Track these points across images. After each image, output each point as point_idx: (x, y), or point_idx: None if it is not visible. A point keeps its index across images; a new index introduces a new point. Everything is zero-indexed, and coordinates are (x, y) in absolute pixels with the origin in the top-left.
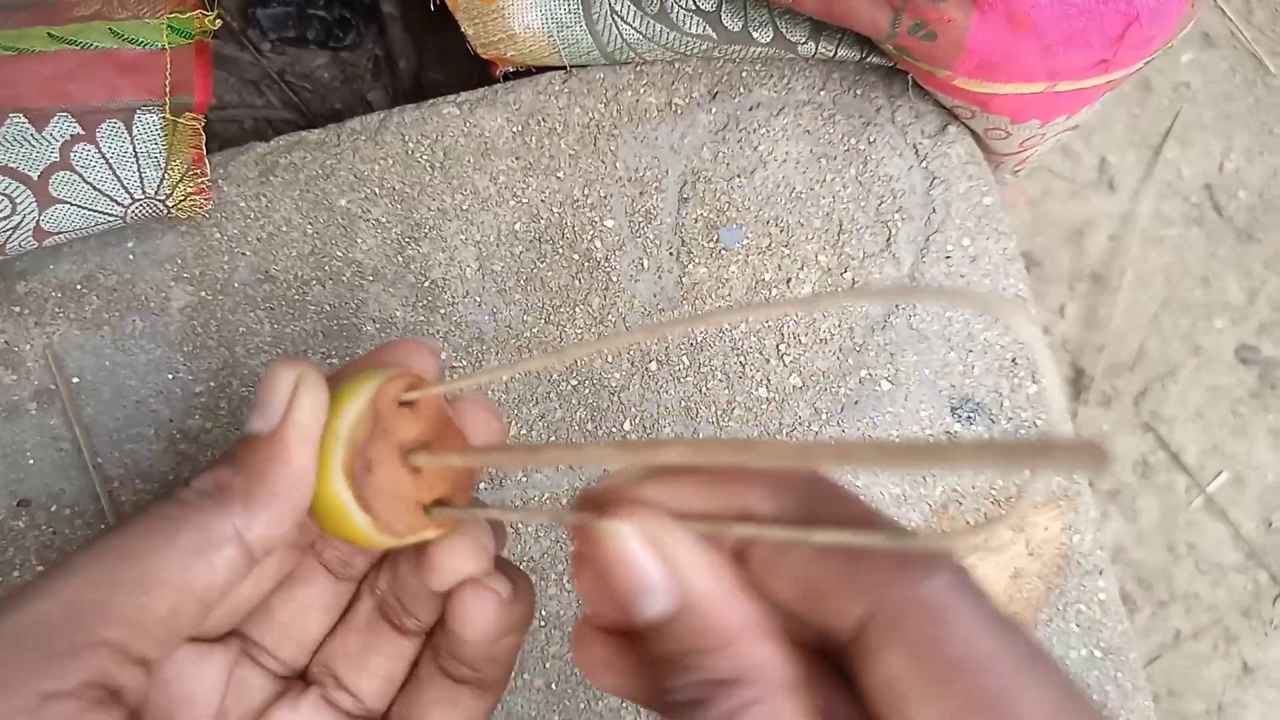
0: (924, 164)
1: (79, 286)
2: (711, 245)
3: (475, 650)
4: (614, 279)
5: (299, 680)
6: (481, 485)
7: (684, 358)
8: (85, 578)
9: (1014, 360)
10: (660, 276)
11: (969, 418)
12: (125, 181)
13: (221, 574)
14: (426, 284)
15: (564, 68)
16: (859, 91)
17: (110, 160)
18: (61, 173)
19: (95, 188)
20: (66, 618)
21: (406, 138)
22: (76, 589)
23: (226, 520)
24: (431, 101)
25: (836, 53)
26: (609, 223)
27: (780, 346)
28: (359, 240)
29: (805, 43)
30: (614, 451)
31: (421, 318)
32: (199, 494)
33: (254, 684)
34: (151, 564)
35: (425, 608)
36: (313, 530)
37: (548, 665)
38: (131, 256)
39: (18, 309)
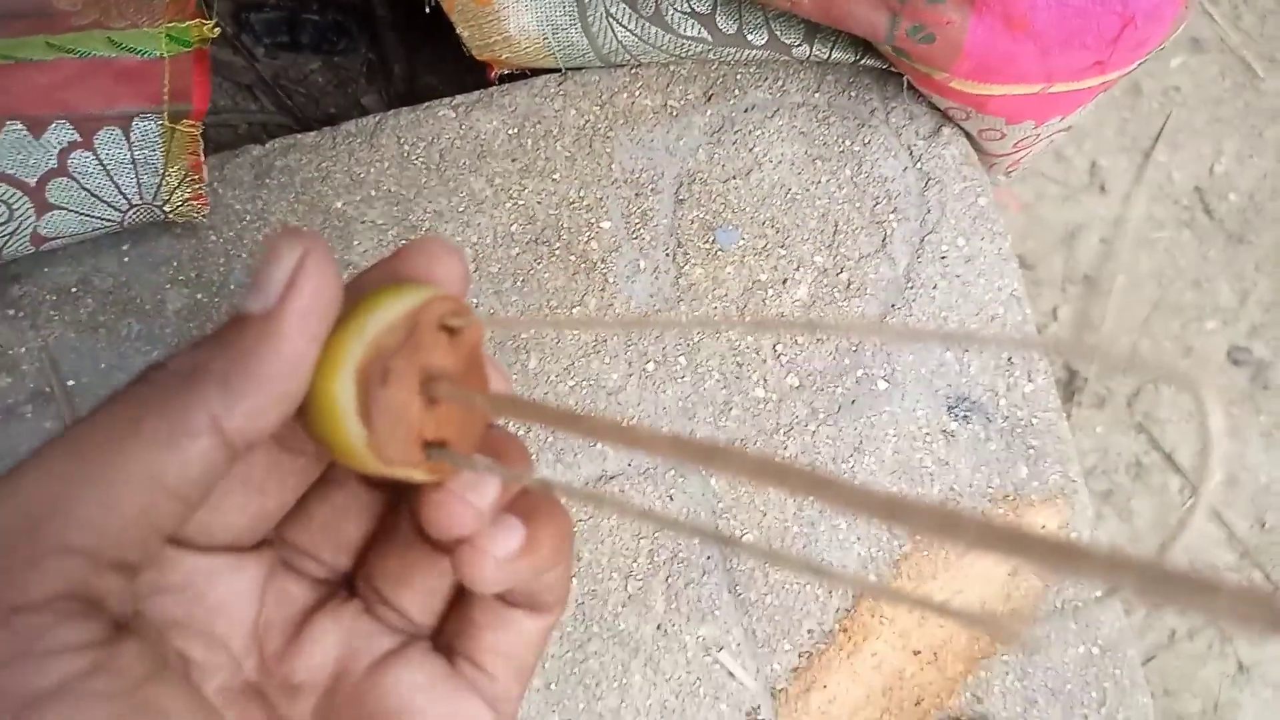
0: (919, 165)
1: (74, 289)
2: (707, 246)
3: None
4: (610, 280)
5: (342, 588)
6: None
7: (681, 358)
8: (41, 478)
9: (1009, 359)
10: (656, 277)
11: (965, 416)
12: (123, 188)
13: (196, 468)
14: None
15: (559, 70)
16: (854, 93)
17: (108, 167)
18: (59, 179)
19: (93, 194)
20: (22, 524)
21: (402, 140)
22: (31, 492)
23: (201, 406)
24: (427, 104)
25: (831, 55)
26: (605, 224)
27: (777, 346)
28: (355, 243)
29: (800, 45)
30: (667, 445)
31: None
32: (172, 375)
33: (294, 592)
34: (114, 457)
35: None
36: None
37: (546, 665)
38: (127, 259)
39: (13, 312)
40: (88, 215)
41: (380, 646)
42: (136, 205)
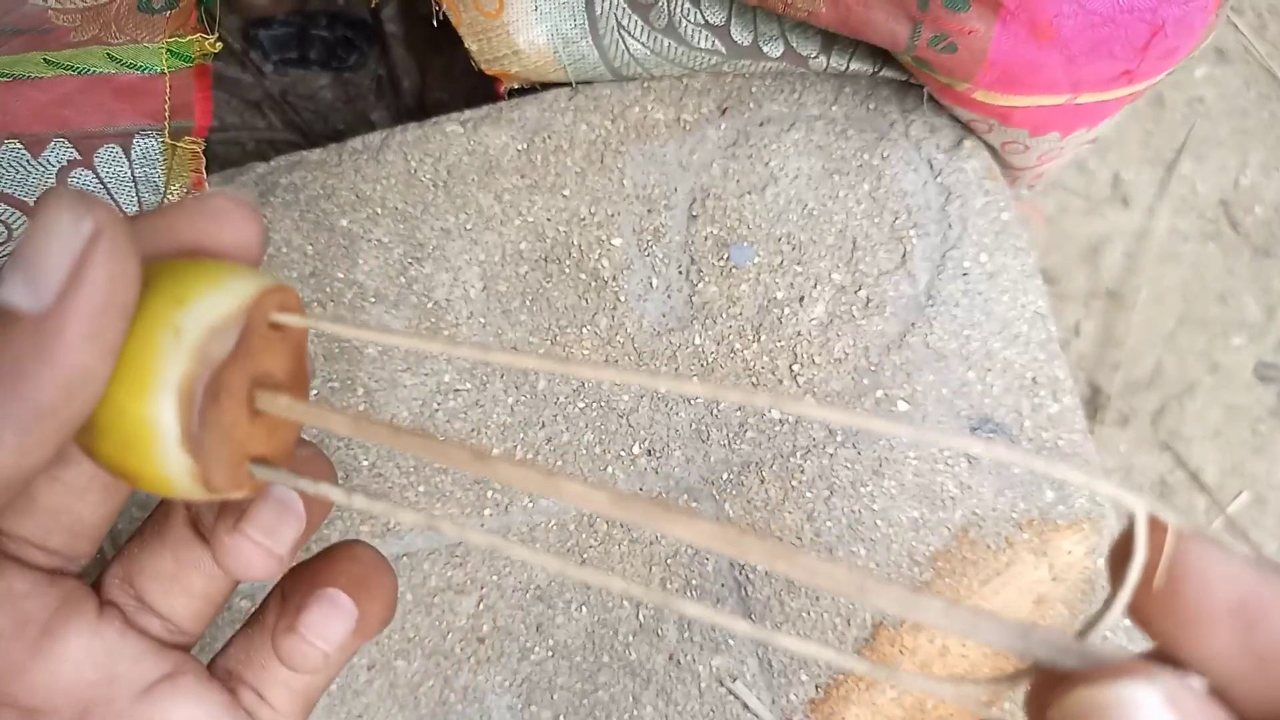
0: (939, 179)
1: None
2: (722, 263)
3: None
4: (622, 299)
5: (87, 588)
6: (487, 511)
7: (694, 378)
8: None
9: (1034, 379)
10: (669, 295)
11: (989, 439)
12: (123, 206)
13: None
14: (430, 305)
15: (570, 84)
16: (872, 106)
17: (108, 185)
18: None
19: None
20: None
21: (409, 156)
22: None
23: None
24: (434, 119)
25: (849, 67)
26: (616, 241)
27: (794, 367)
28: (360, 261)
29: (816, 57)
30: (533, 478)
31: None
32: None
33: (22, 589)
34: None
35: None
36: None
37: (555, 696)
38: None
39: None
40: None
41: (148, 673)
42: None
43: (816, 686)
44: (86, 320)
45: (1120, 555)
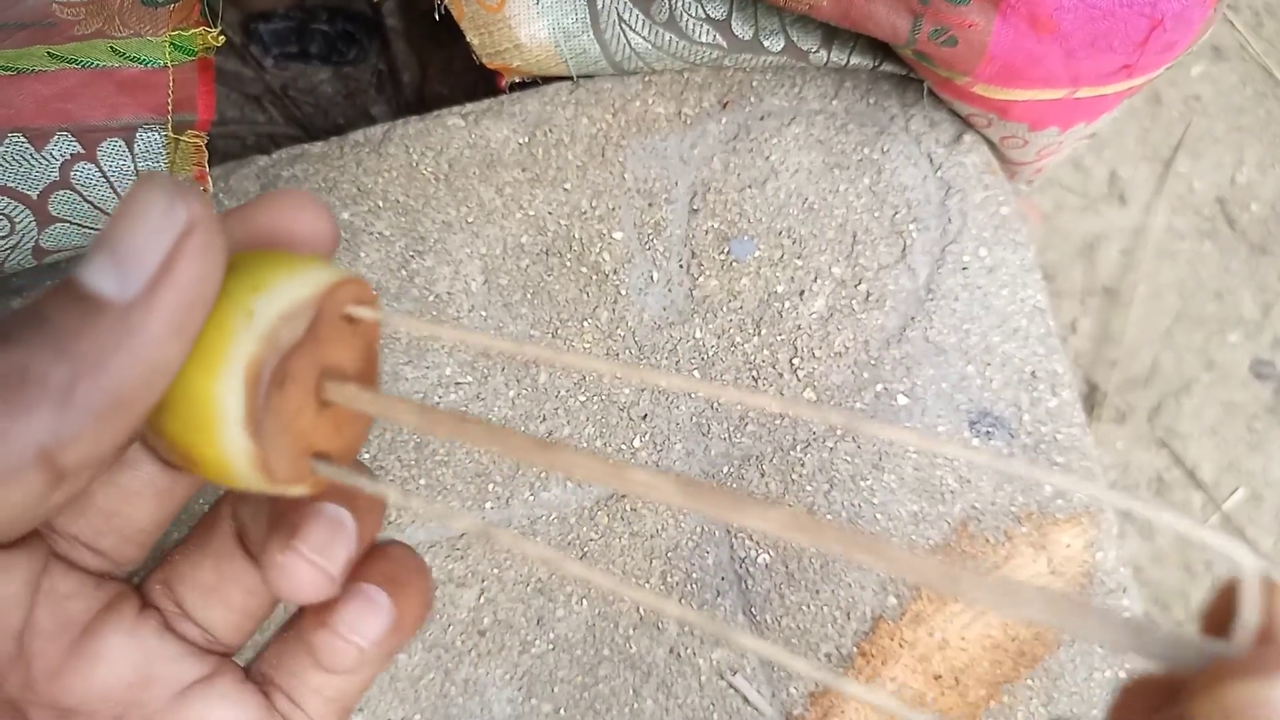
0: (939, 173)
1: None
2: (723, 257)
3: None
4: (623, 292)
5: (130, 590)
6: (488, 505)
7: (695, 372)
8: None
9: (1033, 373)
10: (670, 289)
11: (988, 432)
12: None
13: (17, 508)
14: (431, 298)
15: (571, 78)
16: (872, 100)
17: (111, 179)
18: (61, 192)
19: (96, 206)
20: None
21: (410, 150)
22: None
23: (29, 434)
24: (436, 113)
25: (849, 61)
26: (617, 235)
27: (794, 360)
28: (362, 254)
29: (817, 51)
30: (597, 467)
31: (426, 332)
32: None
33: (68, 589)
34: None
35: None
36: None
37: (555, 690)
38: None
39: None
40: (91, 228)
41: (185, 674)
42: None
43: (816, 680)
44: (173, 315)
45: (1220, 613)
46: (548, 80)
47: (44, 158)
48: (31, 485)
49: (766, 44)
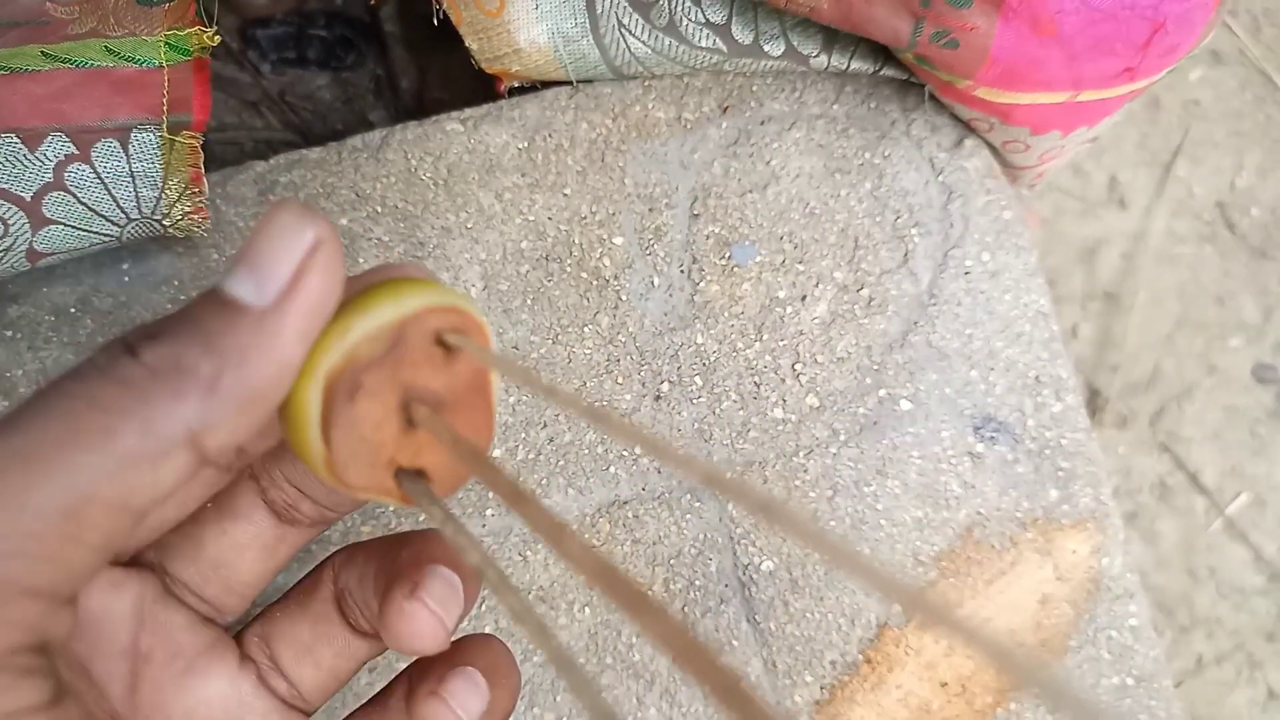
0: (941, 178)
1: (73, 310)
2: (724, 262)
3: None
4: (623, 298)
5: (229, 637)
6: (489, 511)
7: (697, 378)
8: None
9: (1037, 378)
10: (671, 295)
11: (992, 438)
12: (121, 202)
13: (168, 486)
14: None
15: (571, 83)
16: (873, 104)
17: (105, 180)
18: (55, 193)
19: (90, 208)
20: None
21: (409, 155)
22: None
23: (180, 417)
24: (435, 118)
25: (850, 65)
26: (618, 240)
27: (796, 366)
28: (361, 260)
29: (818, 55)
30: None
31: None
32: (148, 374)
33: (176, 623)
34: (82, 477)
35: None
36: (252, 454)
37: (558, 699)
38: (127, 279)
39: (10, 333)
40: (85, 230)
41: None
42: (135, 220)
43: (821, 688)
44: (301, 321)
45: None
46: (547, 85)
47: (38, 159)
48: (180, 463)
49: (767, 48)
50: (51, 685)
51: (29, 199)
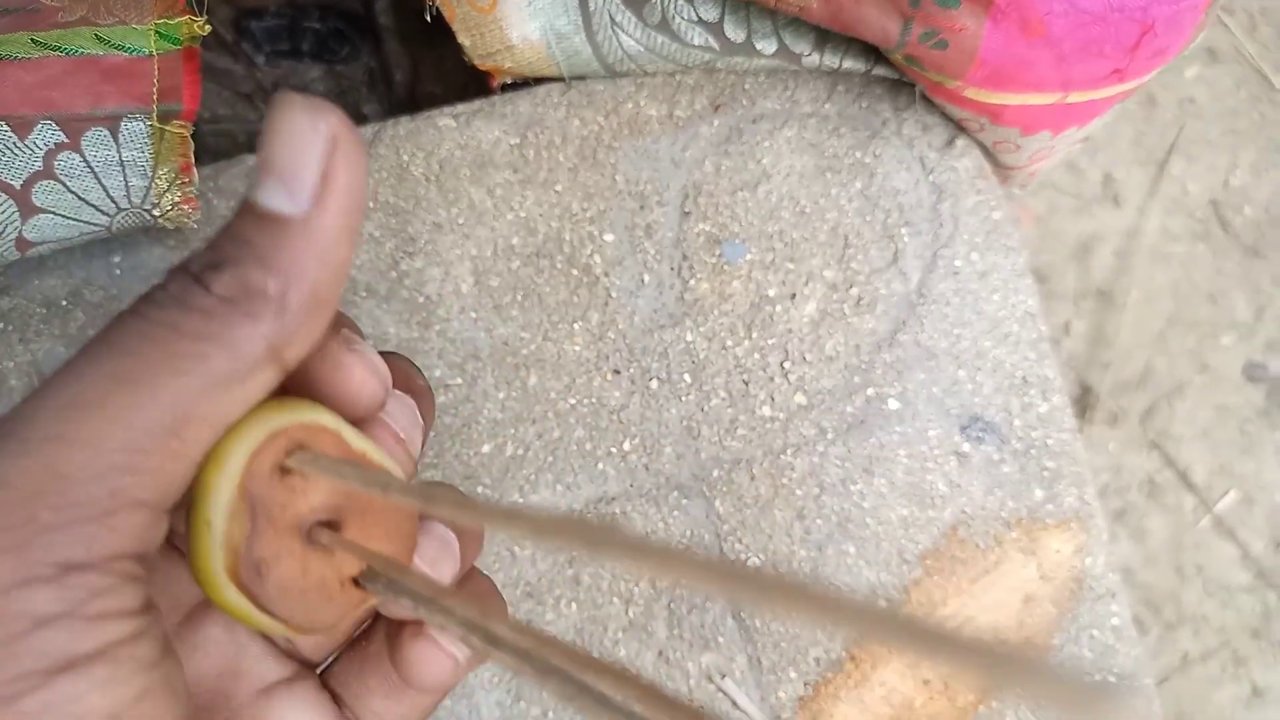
0: (931, 177)
1: (64, 302)
2: (714, 260)
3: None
4: (614, 295)
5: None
6: (479, 489)
7: (685, 375)
8: (106, 417)
9: (1024, 378)
10: (661, 292)
11: (979, 438)
12: (111, 191)
13: (256, 400)
14: (421, 300)
15: (563, 79)
16: (865, 104)
17: (95, 169)
18: (45, 182)
19: (80, 197)
20: (91, 469)
21: (401, 150)
22: (99, 433)
23: (260, 336)
24: (427, 113)
25: (842, 64)
26: (608, 237)
27: (785, 364)
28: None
29: (810, 54)
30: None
31: (416, 334)
32: (223, 302)
33: (179, 574)
34: (182, 398)
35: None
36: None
37: (544, 693)
38: (118, 271)
39: (1, 325)
40: (75, 219)
41: (270, 674)
42: (125, 209)
43: (805, 684)
44: (343, 219)
45: None
46: (539, 81)
47: (27, 147)
48: (266, 378)
49: (759, 47)
50: (145, 594)
51: (19, 187)
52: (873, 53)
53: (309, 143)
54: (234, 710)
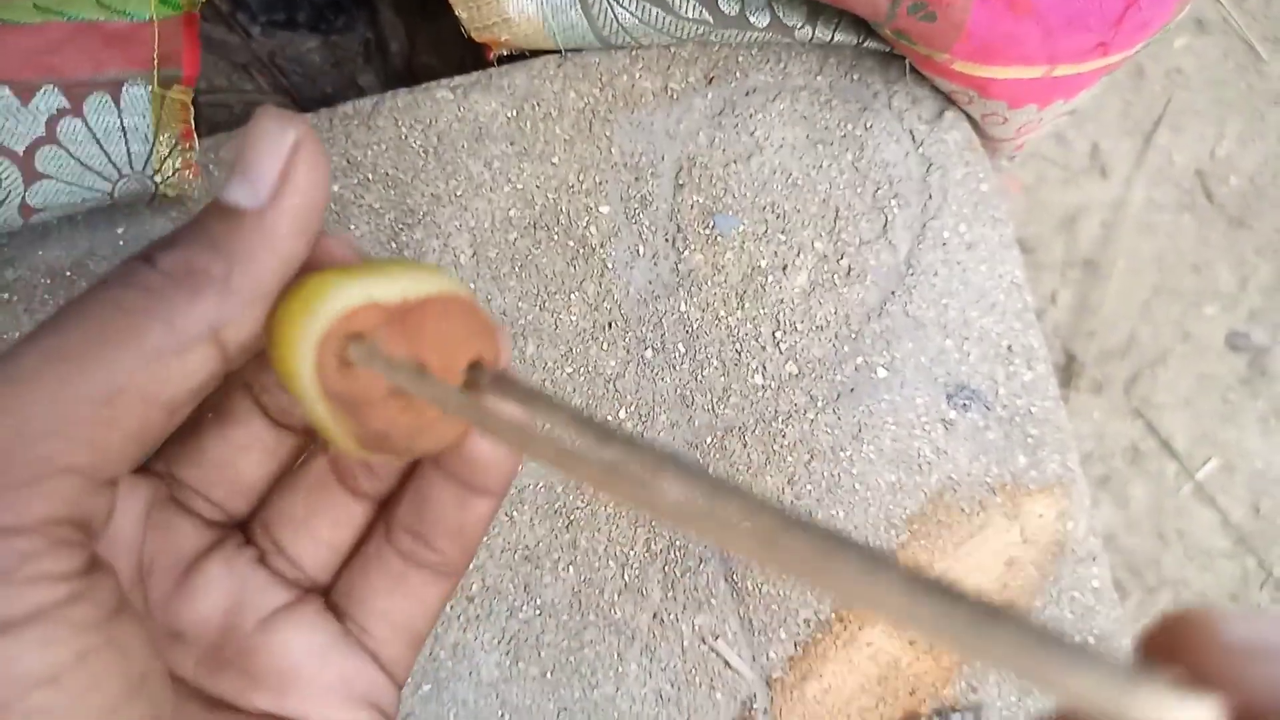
0: (921, 150)
1: (69, 273)
2: (707, 231)
3: (439, 521)
4: (609, 265)
5: (236, 532)
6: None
7: (679, 345)
8: (35, 389)
9: (1009, 347)
10: (655, 263)
11: (964, 405)
12: (113, 156)
13: (195, 380)
14: None
15: (559, 52)
16: (856, 77)
17: (97, 134)
18: (48, 147)
19: (82, 163)
20: (18, 439)
21: (400, 122)
22: (26, 403)
23: (200, 314)
24: (425, 85)
25: (833, 37)
26: (604, 209)
27: (776, 334)
28: (351, 226)
29: (802, 27)
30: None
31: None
32: (167, 279)
33: (182, 530)
34: (116, 370)
35: (385, 469)
36: (246, 369)
37: (542, 654)
38: (122, 242)
39: (6, 296)
40: (77, 185)
41: (271, 601)
42: (127, 175)
43: (795, 644)
44: (295, 214)
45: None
46: (535, 54)
47: (30, 112)
48: (204, 358)
49: (752, 19)
50: (85, 558)
51: (21, 152)
52: (864, 26)
53: (274, 145)
54: (243, 639)
